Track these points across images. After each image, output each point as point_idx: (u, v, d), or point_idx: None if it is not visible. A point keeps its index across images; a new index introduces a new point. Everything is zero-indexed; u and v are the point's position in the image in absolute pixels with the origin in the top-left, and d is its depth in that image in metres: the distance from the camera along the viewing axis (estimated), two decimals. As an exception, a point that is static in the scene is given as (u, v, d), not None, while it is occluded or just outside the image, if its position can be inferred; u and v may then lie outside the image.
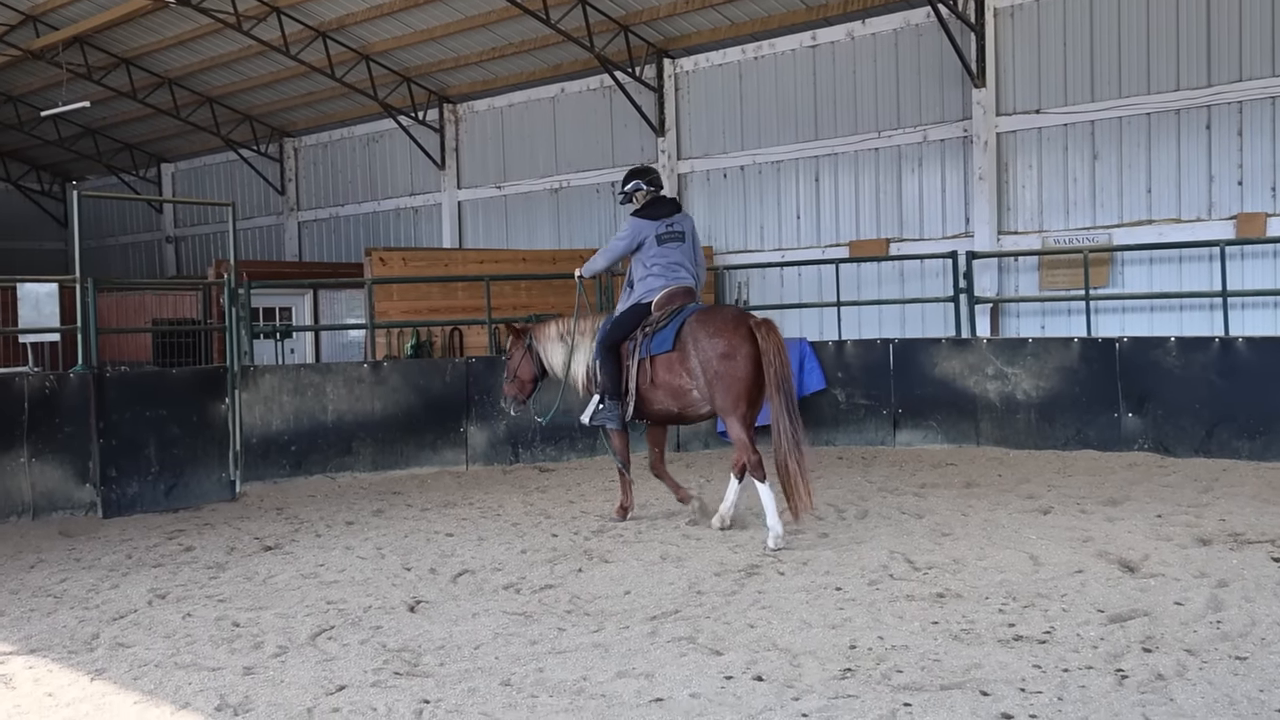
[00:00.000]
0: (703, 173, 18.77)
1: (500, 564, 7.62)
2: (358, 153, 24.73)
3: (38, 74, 24.41)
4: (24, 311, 11.48)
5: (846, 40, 17.05)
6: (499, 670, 5.36)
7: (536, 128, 21.08)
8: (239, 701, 5.04)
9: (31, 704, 5.15)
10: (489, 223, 22.04)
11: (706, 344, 8.16)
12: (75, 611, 6.73)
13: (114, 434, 10.03)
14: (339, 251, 25.01)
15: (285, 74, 22.56)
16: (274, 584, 7.28)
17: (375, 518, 9.51)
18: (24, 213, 31.84)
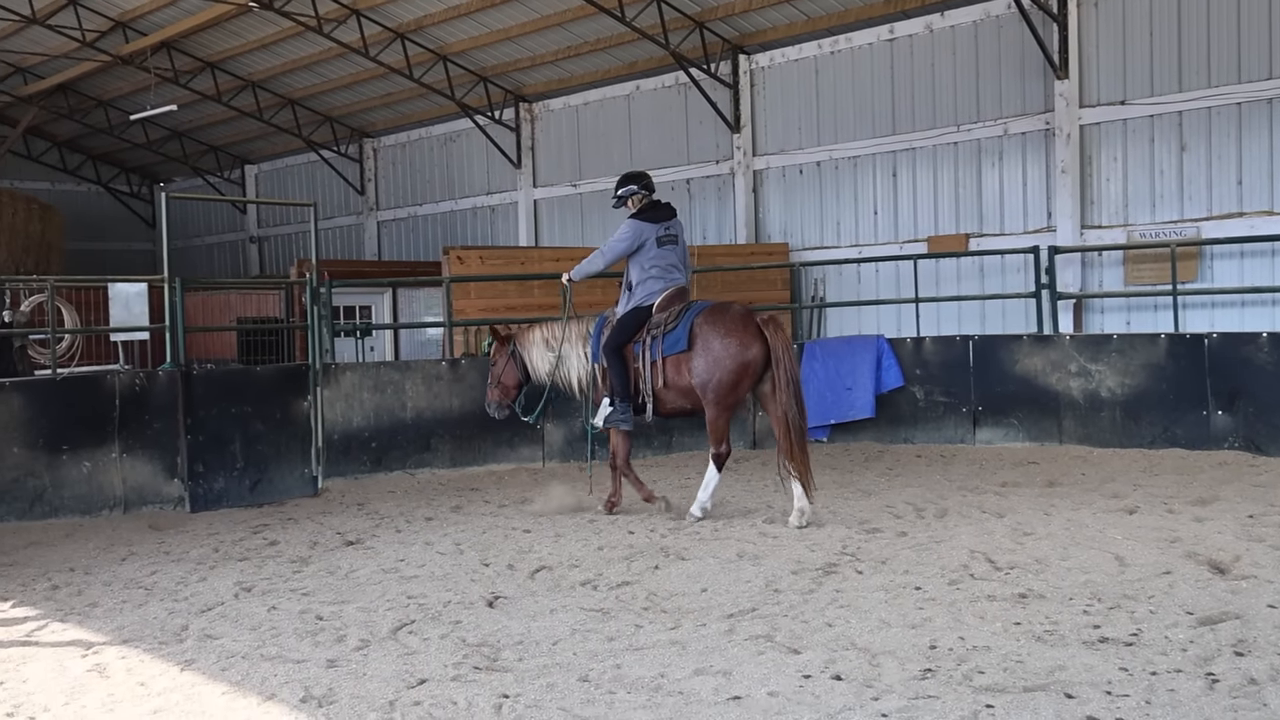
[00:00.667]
0: (778, 169, 18.67)
1: (577, 560, 7.66)
2: (435, 152, 25.00)
3: (127, 79, 25.05)
4: (115, 311, 11.82)
5: (925, 33, 16.84)
6: (577, 666, 5.38)
7: (611, 126, 21.13)
8: (323, 694, 5.12)
9: (125, 693, 5.29)
10: (564, 221, 22.15)
11: (716, 344, 8.56)
12: (165, 603, 6.90)
13: (201, 430, 10.25)
14: (417, 250, 25.29)
15: (364, 75, 22.88)
16: (356, 578, 7.40)
17: (454, 514, 9.61)
18: (114, 214, 32.69)
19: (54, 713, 5.06)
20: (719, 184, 19.48)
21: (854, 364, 12.71)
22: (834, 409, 12.67)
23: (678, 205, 19.76)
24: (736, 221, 19.06)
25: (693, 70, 18.62)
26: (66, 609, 6.88)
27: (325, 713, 4.89)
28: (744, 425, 12.71)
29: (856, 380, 12.64)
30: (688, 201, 19.86)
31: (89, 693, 5.30)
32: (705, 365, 8.61)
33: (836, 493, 9.81)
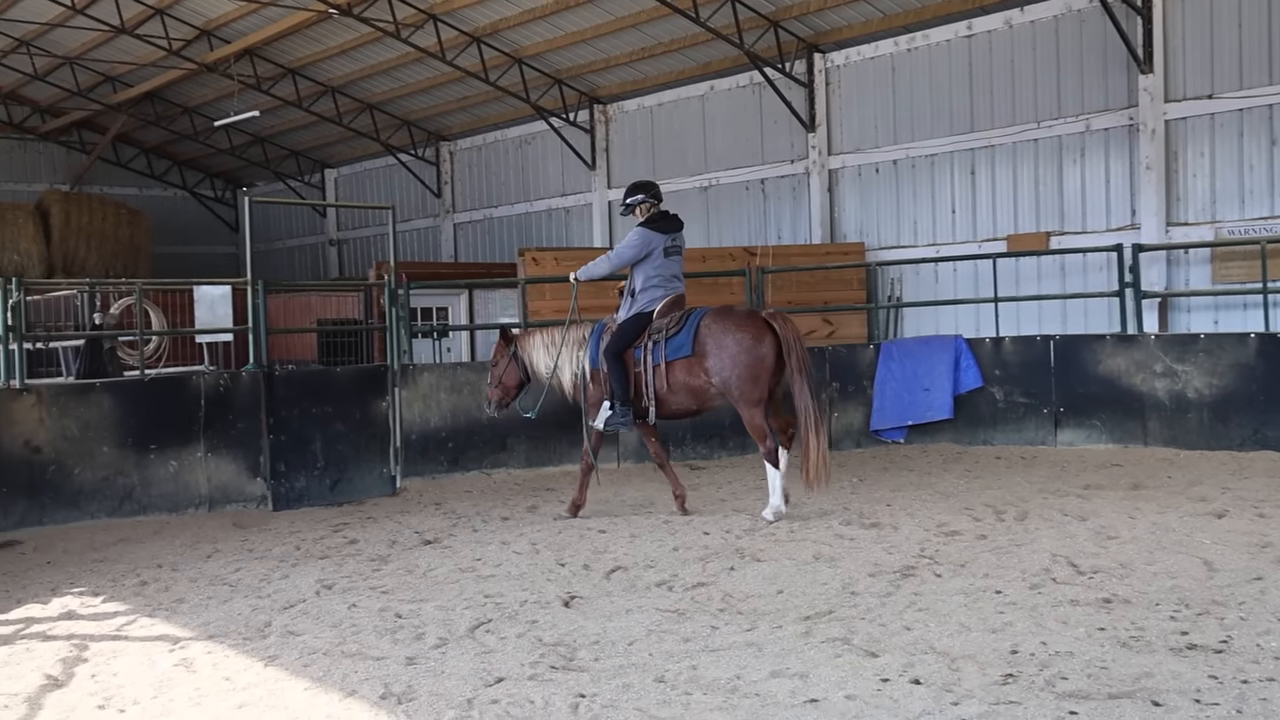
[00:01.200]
0: (854, 168, 18.51)
1: (653, 561, 7.66)
2: (510, 155, 25.18)
3: (211, 86, 25.59)
4: (200, 313, 12.09)
5: (1004, 29, 16.58)
6: (653, 667, 5.39)
7: (686, 126, 21.11)
8: (402, 691, 5.18)
9: (211, 687, 5.40)
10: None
11: (729, 341, 8.78)
12: (249, 600, 7.03)
13: (283, 430, 10.44)
14: (493, 252, 25.50)
15: (441, 79, 23.12)
16: (434, 577, 7.48)
17: (530, 513, 9.67)
18: (199, 219, 33.42)
19: (143, 705, 5.19)
20: (794, 184, 19.37)
21: (932, 365, 12.56)
22: (911, 410, 12.53)
23: (752, 205, 19.93)
24: (811, 221, 18.93)
25: (767, 70, 18.53)
26: (154, 604, 7.04)
27: (405, 710, 4.95)
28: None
29: (934, 381, 12.48)
30: (762, 202, 19.79)
31: (176, 686, 5.43)
32: (722, 365, 8.81)
33: (914, 494, 9.70)
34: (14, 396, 9.46)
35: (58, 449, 9.54)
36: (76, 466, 9.61)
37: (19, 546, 8.90)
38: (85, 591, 7.46)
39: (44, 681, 5.57)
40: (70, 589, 7.54)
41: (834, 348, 13.27)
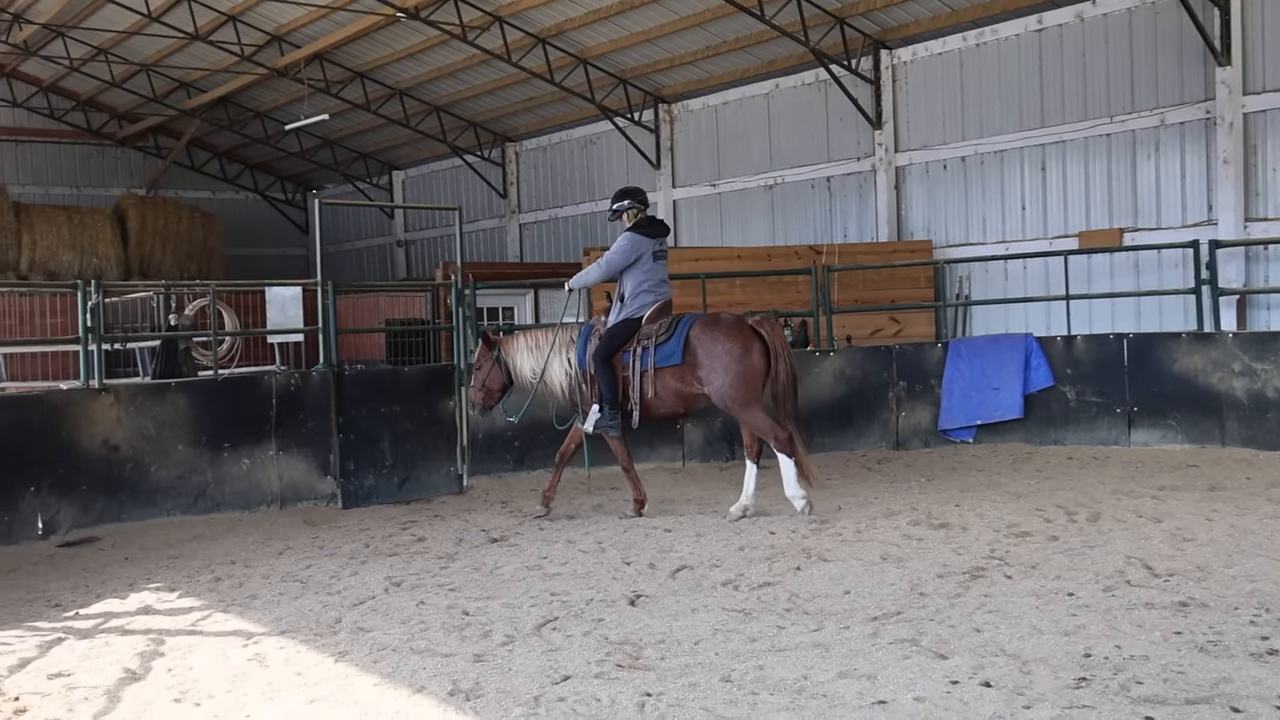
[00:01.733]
0: (921, 165, 18.33)
1: (718, 560, 7.64)
2: (575, 155, 25.28)
3: (282, 90, 26.00)
4: (271, 314, 12.29)
5: (1075, 22, 16.31)
6: (719, 666, 5.37)
7: (750, 125, 21.04)
8: (470, 688, 5.22)
9: (283, 682, 5.48)
10: (703, 220, 22.15)
11: (720, 350, 8.95)
12: (319, 596, 7.13)
13: (352, 429, 10.57)
14: (558, 252, 25.62)
15: (507, 81, 23.27)
16: (500, 575, 7.52)
17: (595, 512, 9.70)
18: (270, 221, 33.97)
19: (218, 699, 5.28)
20: (860, 181, 19.22)
21: (1001, 363, 12.38)
22: (980, 409, 12.37)
23: (818, 203, 19.81)
24: (878, 219, 18.77)
25: (833, 67, 18.41)
26: (228, 600, 7.17)
27: (473, 706, 4.98)
28: (886, 425, 12.52)
29: (1004, 380, 12.31)
30: (828, 200, 19.67)
31: (249, 681, 5.52)
32: (713, 374, 8.99)
33: (983, 495, 9.57)
34: (93, 396, 9.67)
35: (135, 447, 9.74)
36: (153, 465, 9.81)
37: (98, 543, 9.10)
38: (162, 587, 7.61)
39: (122, 675, 5.70)
40: (147, 584, 7.70)
41: (901, 346, 13.14)
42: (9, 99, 29.46)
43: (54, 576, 8.02)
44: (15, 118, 29.77)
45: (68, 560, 8.55)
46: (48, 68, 27.76)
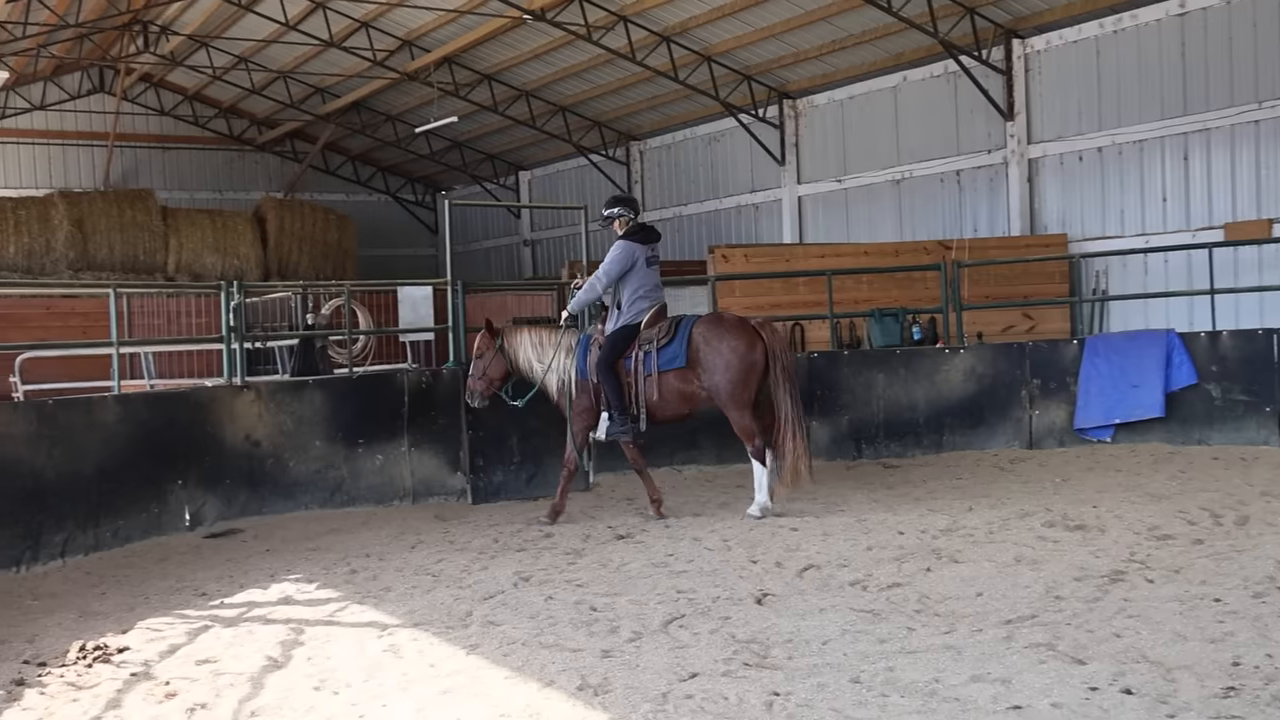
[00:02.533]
0: (1055, 156, 17.82)
1: (846, 560, 7.56)
2: (700, 152, 25.26)
3: (412, 94, 26.58)
4: (403, 313, 12.55)
5: (1221, 5, 15.65)
6: (848, 667, 5.31)
7: (877, 119, 20.74)
8: (598, 683, 5.26)
9: (417, 673, 5.61)
10: (829, 216, 21.92)
11: (725, 348, 9.17)
12: (451, 590, 7.27)
13: (481, 426, 10.74)
14: (683, 249, 25.64)
15: (631, 80, 23.38)
16: (627, 571, 7.57)
17: (720, 510, 9.68)
18: (401, 222, 34.76)
19: (355, 688, 5.43)
20: (991, 174, 18.79)
21: (1141, 360, 11.96)
22: (1119, 408, 11.97)
23: (947, 197, 19.45)
24: (1010, 213, 18.32)
25: (963, 58, 18.03)
26: (363, 592, 7.36)
27: (601, 701, 5.02)
28: (1019, 424, 12.21)
29: (1144, 377, 11.89)
30: (958, 193, 19.27)
31: (385, 671, 5.66)
32: (714, 371, 9.21)
33: (1122, 496, 9.26)
34: (236, 393, 10.03)
35: (275, 443, 10.07)
36: (291, 459, 10.13)
37: (241, 535, 9.44)
38: (301, 578, 7.85)
39: (265, 662, 5.90)
40: (287, 575, 7.95)
41: (1034, 343, 12.80)
42: (157, 108, 30.78)
43: (200, 566, 8.34)
44: (163, 125, 31.08)
45: (213, 551, 8.89)
46: (192, 77, 28.89)
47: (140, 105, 30.48)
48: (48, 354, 13.83)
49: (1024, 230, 17.96)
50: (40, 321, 16.24)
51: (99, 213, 24.71)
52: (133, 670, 5.85)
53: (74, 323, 16.57)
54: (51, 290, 18.27)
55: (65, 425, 8.68)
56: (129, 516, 9.01)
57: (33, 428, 8.46)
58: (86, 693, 5.54)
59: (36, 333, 15.54)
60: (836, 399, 12.08)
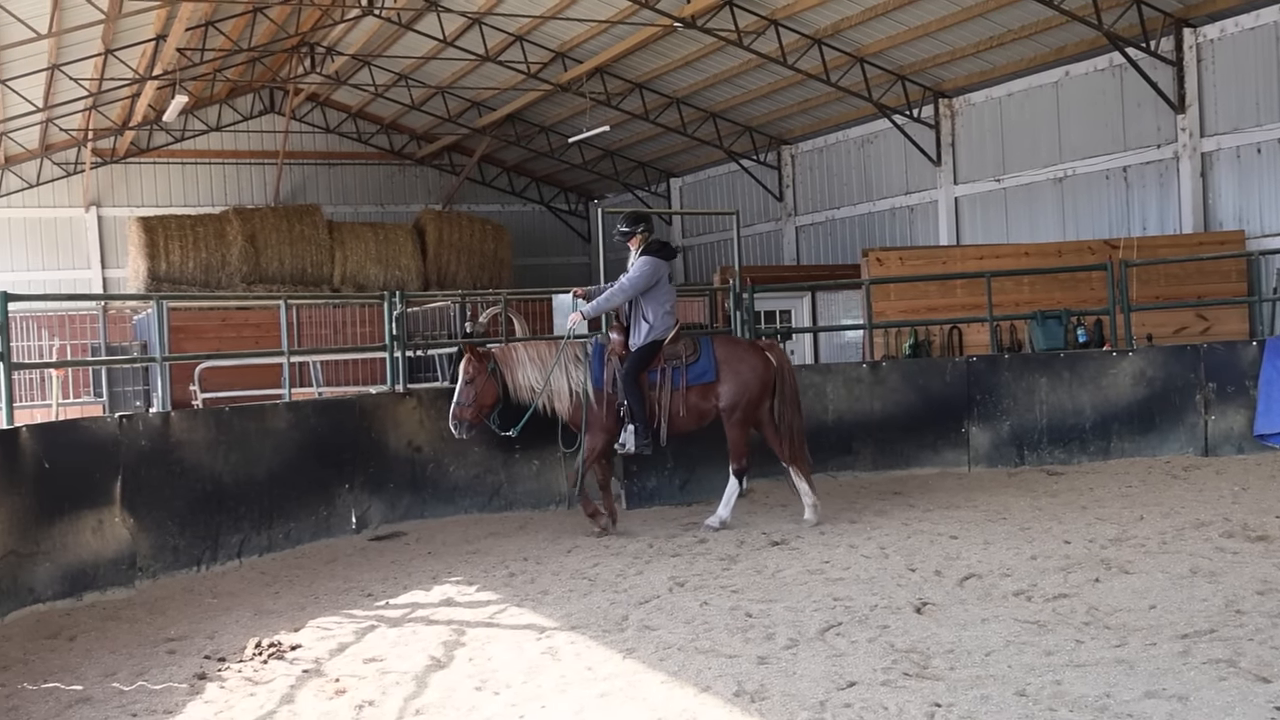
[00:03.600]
0: (1231, 149, 16.98)
1: (1009, 569, 7.35)
2: (852, 155, 24.95)
3: (565, 105, 27.00)
4: (558, 320, 12.72)
5: None
6: (1012, 679, 5.16)
7: (1038, 115, 20.12)
8: (755, 689, 5.23)
9: (575, 675, 5.67)
10: (987, 217, 21.37)
11: (745, 368, 9.50)
12: (606, 594, 7.33)
13: (635, 431, 10.79)
14: (835, 254, 25.37)
15: (782, 84, 23.25)
16: (782, 578, 7.51)
17: (877, 517, 9.53)
18: (555, 231, 35.33)
19: (515, 689, 5.52)
20: (1160, 169, 18.03)
21: (1327, 362, 11.30)
22: (1302, 413, 11.33)
23: (1113, 194, 18.79)
24: (1181, 209, 17.54)
25: (1129, 50, 17.35)
26: (521, 595, 7.48)
27: (758, 708, 4.99)
28: (1194, 430, 11.67)
29: (1330, 381, 11.23)
30: (1125, 190, 18.55)
31: (543, 673, 5.74)
32: (735, 390, 9.47)
33: (1308, 506, 8.76)
34: (398, 400, 10.33)
35: (436, 448, 10.33)
36: (451, 465, 10.37)
37: (404, 538, 9.71)
38: (461, 581, 8.03)
39: (429, 662, 6.05)
40: (448, 578, 8.14)
41: (1209, 345, 12.21)
42: (323, 126, 32.01)
43: (366, 568, 8.62)
44: (328, 143, 32.30)
45: (378, 553, 9.17)
46: (355, 95, 29.94)
47: (307, 124, 31.75)
48: (224, 364, 14.48)
49: (1197, 227, 17.18)
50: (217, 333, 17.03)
51: (270, 228, 25.83)
52: (305, 667, 6.08)
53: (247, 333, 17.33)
54: (227, 303, 19.14)
55: (240, 431, 9.08)
56: (299, 519, 9.37)
57: (211, 434, 8.88)
58: (263, 688, 5.78)
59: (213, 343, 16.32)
60: (997, 404, 11.76)
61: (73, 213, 29.75)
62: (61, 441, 7.90)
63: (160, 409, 9.98)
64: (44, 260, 29.39)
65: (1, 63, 20.14)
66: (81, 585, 7.78)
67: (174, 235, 25.00)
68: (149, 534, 8.26)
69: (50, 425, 8.29)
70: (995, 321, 13.22)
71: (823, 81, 21.59)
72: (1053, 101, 19.81)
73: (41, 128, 26.49)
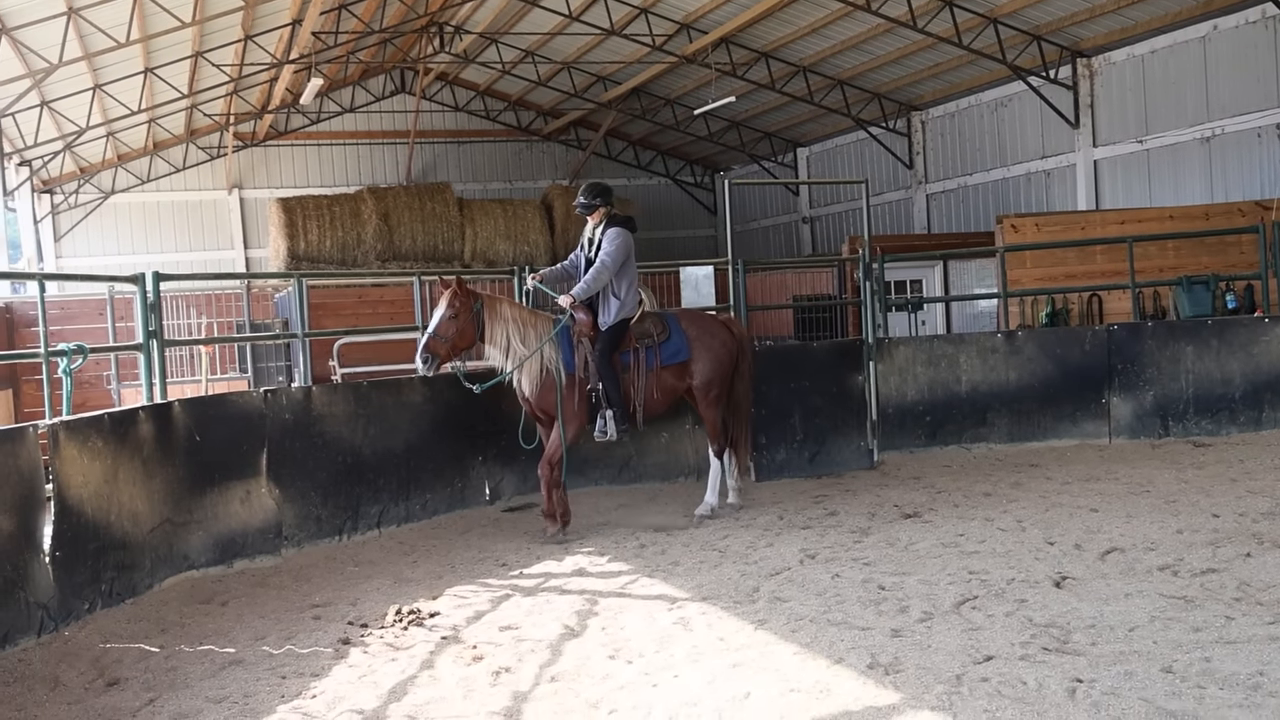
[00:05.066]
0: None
1: (1153, 543, 7.12)
2: (985, 119, 24.31)
3: (690, 76, 26.89)
4: (685, 293, 12.70)
5: None
6: (1158, 656, 5.01)
7: (1183, 72, 19.29)
8: (889, 662, 5.19)
9: (706, 645, 5.70)
10: (1128, 180, 20.61)
11: (716, 344, 9.21)
12: (737, 566, 7.34)
13: (763, 404, 10.76)
14: (967, 221, 24.80)
15: (912, 48, 22.75)
16: (915, 551, 7.41)
17: (1013, 489, 9.32)
18: (680, 203, 35.32)
19: (647, 658, 5.57)
20: (1316, 126, 17.13)
21: None
22: None
23: (1265, 153, 17.94)
24: (1340, 167, 16.66)
25: (1281, 0, 16.51)
26: (652, 566, 7.54)
27: (892, 681, 4.94)
28: None
29: None
30: (1277, 148, 17.67)
31: (675, 643, 5.78)
32: (710, 367, 9.18)
33: None
34: (529, 373, 10.45)
35: (566, 420, 10.43)
36: (582, 437, 10.45)
37: (535, 509, 9.82)
38: (593, 551, 8.13)
39: (562, 630, 6.15)
40: (580, 548, 8.25)
41: (1371, 310, 11.60)
42: (452, 104, 32.52)
43: (500, 538, 8.79)
44: (457, 121, 32.81)
45: (510, 524, 9.34)
46: (483, 73, 30.33)
47: (437, 103, 32.28)
48: (361, 339, 14.87)
49: (1356, 186, 16.30)
50: (353, 309, 17.47)
51: (403, 206, 26.41)
52: (443, 634, 6.24)
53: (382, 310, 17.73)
54: (363, 280, 19.64)
55: (378, 405, 9.33)
56: (435, 490, 9.60)
57: (351, 407, 9.14)
58: (403, 653, 5.95)
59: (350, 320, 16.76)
60: (1139, 374, 11.37)
61: (216, 195, 30.87)
62: (211, 415, 8.22)
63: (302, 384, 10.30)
64: (190, 241, 30.59)
65: (150, 51, 20.94)
66: (231, 553, 8.12)
67: (312, 215, 25.76)
68: (293, 504, 8.56)
69: (200, 400, 8.62)
70: (1138, 288, 12.76)
71: (954, 44, 21.05)
72: (1199, 57, 18.96)
73: (186, 114, 27.51)
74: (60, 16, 17.00)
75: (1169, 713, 4.38)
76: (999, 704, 4.58)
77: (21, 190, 26.24)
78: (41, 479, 6.53)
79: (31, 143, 23.55)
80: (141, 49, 20.32)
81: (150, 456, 7.52)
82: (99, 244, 29.94)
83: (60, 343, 7.47)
